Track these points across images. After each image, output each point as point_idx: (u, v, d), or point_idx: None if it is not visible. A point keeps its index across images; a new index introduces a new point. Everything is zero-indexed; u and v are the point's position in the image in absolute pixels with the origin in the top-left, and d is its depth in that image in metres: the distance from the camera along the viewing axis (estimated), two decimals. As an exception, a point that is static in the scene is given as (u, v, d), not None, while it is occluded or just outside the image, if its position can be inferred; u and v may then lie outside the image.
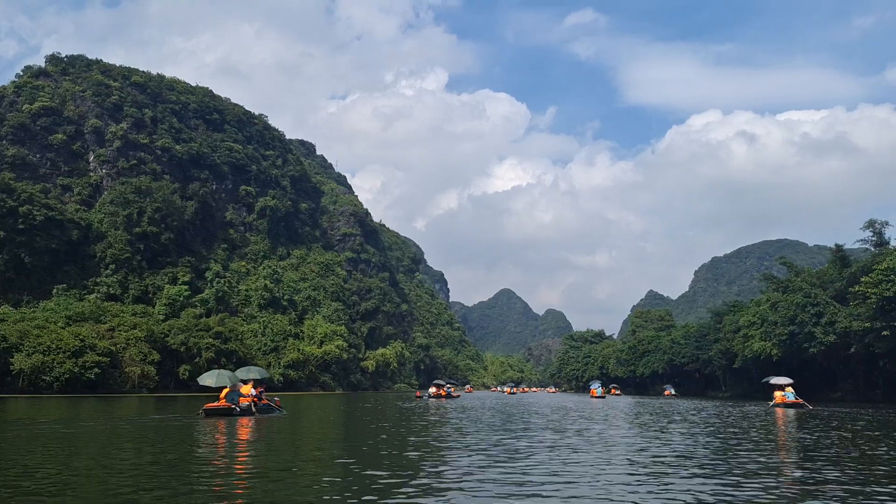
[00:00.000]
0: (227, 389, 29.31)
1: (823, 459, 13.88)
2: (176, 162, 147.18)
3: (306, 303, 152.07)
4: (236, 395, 29.22)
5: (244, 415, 28.68)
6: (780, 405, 45.31)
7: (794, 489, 10.30)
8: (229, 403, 28.43)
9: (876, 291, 51.74)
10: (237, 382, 30.43)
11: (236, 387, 29.84)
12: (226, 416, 27.83)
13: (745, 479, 11.10)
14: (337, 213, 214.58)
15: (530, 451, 15.29)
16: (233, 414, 28.14)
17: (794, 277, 75.01)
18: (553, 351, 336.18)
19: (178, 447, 16.56)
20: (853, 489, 10.05)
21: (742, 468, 12.52)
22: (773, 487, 10.36)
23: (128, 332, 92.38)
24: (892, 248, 57.92)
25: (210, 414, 27.96)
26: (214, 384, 30.57)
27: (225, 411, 28.09)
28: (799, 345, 67.96)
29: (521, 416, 33.62)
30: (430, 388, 70.45)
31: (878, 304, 52.08)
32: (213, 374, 32.17)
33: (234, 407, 28.39)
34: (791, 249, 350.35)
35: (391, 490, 9.74)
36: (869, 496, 9.41)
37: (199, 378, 32.58)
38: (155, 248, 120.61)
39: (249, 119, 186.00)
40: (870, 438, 19.88)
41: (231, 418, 27.21)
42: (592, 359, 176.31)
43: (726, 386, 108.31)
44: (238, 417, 27.69)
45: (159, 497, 8.97)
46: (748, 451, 15.94)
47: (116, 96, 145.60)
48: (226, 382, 30.02)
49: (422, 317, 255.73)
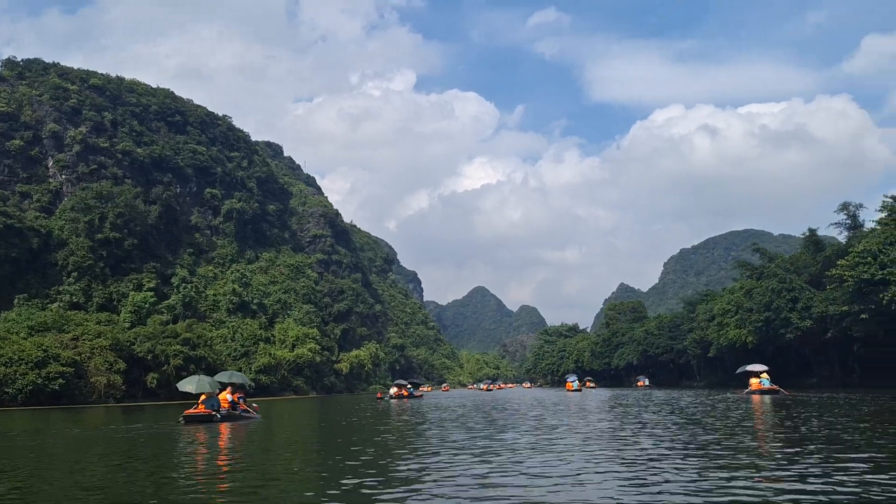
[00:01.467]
0: (206, 396, 29.10)
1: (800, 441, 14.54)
2: (138, 165, 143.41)
3: (277, 306, 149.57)
4: (216, 401, 29.12)
5: (224, 421, 28.46)
6: (755, 392, 45.60)
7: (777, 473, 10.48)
8: (209, 409, 28.22)
9: (853, 274, 51.46)
10: (216, 388, 30.35)
11: (215, 393, 29.78)
12: (206, 422, 27.55)
13: (732, 465, 11.37)
14: (306, 214, 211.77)
15: (521, 448, 14.61)
16: (213, 420, 27.89)
17: (768, 263, 74.82)
18: (528, 346, 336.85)
19: (164, 455, 16.50)
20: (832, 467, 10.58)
21: (726, 454, 12.86)
22: (757, 471, 10.75)
23: (92, 341, 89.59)
24: (867, 231, 57.84)
25: (190, 420, 27.67)
26: (194, 390, 30.15)
27: (205, 418, 27.81)
28: (775, 331, 67.75)
29: (500, 412, 32.66)
30: (391, 389, 68.96)
31: (856, 286, 51.83)
32: (193, 379, 31.81)
33: (215, 413, 28.20)
34: (757, 239, 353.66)
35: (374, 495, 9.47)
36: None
37: (179, 384, 32.31)
38: (118, 255, 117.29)
39: (213, 120, 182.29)
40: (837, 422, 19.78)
41: (211, 425, 26.99)
42: (567, 352, 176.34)
43: (700, 375, 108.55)
44: (218, 424, 27.40)
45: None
46: (731, 437, 16.30)
47: (75, 100, 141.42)
48: (206, 388, 29.82)
49: (396, 317, 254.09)
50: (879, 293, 50.09)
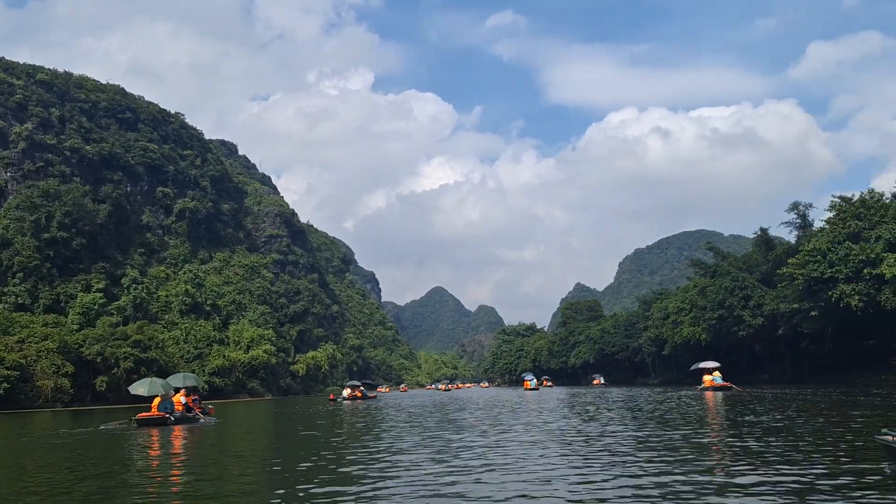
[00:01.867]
0: (159, 399, 28.63)
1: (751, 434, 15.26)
2: (87, 163, 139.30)
3: (231, 307, 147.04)
4: (170, 404, 28.69)
5: (178, 423, 28.11)
6: (708, 388, 46.65)
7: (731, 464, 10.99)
8: (162, 412, 27.77)
9: (803, 272, 52.59)
10: (169, 391, 30.14)
11: (168, 395, 29.46)
12: (159, 425, 27.12)
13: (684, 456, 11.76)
14: (262, 214, 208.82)
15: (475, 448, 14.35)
16: (167, 423, 27.44)
17: (721, 262, 76.13)
18: (486, 346, 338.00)
19: (113, 459, 16.21)
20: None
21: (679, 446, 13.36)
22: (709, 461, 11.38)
23: (39, 344, 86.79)
24: (816, 230, 59.21)
25: (143, 423, 27.27)
26: (146, 393, 30.15)
27: (158, 421, 27.34)
28: (728, 328, 68.97)
29: (458, 412, 32.44)
30: (344, 390, 68.40)
31: (805, 284, 52.97)
32: (146, 382, 31.72)
33: (168, 416, 27.82)
34: (708, 239, 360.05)
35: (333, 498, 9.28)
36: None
37: (131, 387, 32.16)
38: (66, 255, 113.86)
39: (165, 118, 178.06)
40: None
41: (165, 428, 26.62)
42: (525, 352, 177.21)
43: (655, 373, 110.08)
44: (172, 427, 27.01)
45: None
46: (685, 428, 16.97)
47: (20, 95, 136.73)
48: (158, 391, 29.62)
49: (353, 318, 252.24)
50: (828, 290, 51.27)
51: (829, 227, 55.35)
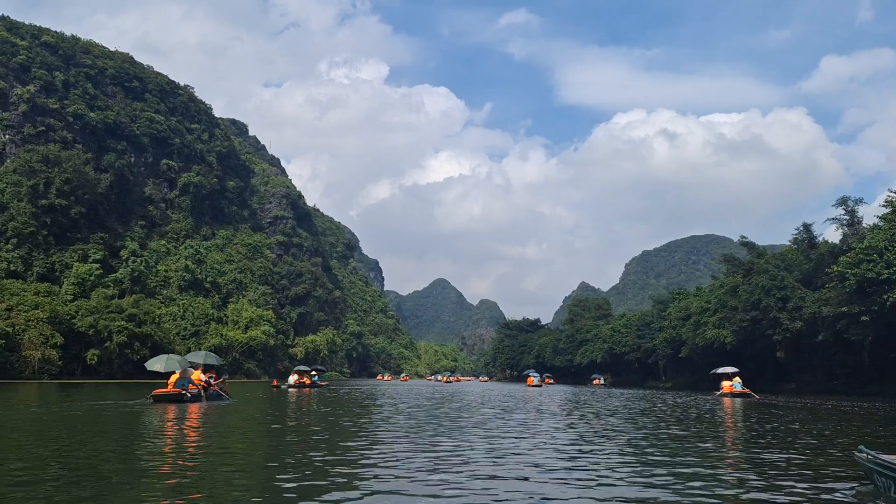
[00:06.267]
0: (178, 375, 28.12)
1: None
2: (90, 130, 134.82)
3: (231, 286, 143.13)
4: (186, 381, 28.04)
5: (194, 401, 27.48)
6: (727, 395, 45.56)
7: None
8: (179, 389, 27.34)
9: (856, 272, 48.06)
10: (187, 367, 29.43)
11: (186, 372, 28.74)
12: (175, 402, 26.68)
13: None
14: (268, 194, 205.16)
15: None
16: (183, 400, 27.01)
17: (757, 259, 71.35)
18: (486, 340, 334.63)
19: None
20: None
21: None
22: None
23: (28, 313, 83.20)
24: (869, 227, 54.62)
25: (159, 399, 26.99)
26: (163, 369, 29.92)
27: (175, 397, 27.00)
28: (761, 332, 64.26)
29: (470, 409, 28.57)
30: (290, 377, 60.21)
31: (857, 285, 48.43)
32: (163, 358, 31.38)
33: (185, 393, 27.35)
34: (718, 245, 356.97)
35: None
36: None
37: (147, 363, 31.78)
38: (63, 223, 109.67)
39: (173, 90, 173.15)
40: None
41: (181, 405, 25.94)
42: (528, 347, 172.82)
43: (667, 376, 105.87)
44: (189, 404, 26.36)
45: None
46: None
47: (24, 56, 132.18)
48: (175, 367, 29.28)
49: (355, 304, 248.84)
50: (883, 294, 46.83)
51: (885, 224, 50.69)
